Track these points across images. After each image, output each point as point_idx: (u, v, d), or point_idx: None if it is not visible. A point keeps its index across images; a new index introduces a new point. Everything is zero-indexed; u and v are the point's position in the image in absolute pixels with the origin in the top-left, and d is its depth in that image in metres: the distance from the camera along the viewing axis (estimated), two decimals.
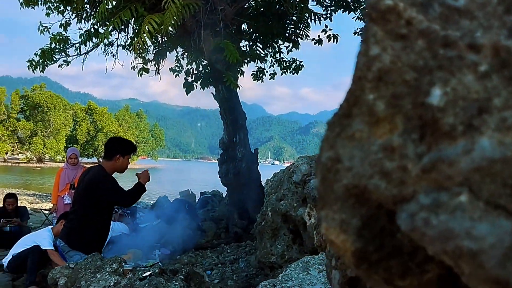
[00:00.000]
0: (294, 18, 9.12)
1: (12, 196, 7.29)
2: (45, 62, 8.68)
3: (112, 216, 4.66)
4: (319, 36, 9.56)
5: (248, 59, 9.56)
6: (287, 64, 10.27)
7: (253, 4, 9.15)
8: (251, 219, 7.26)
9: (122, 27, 8.41)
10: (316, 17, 8.81)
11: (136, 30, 8.29)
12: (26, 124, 57.89)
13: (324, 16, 9.01)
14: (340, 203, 0.35)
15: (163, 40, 9.15)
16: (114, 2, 6.90)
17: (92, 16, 8.58)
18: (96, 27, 8.62)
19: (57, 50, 8.78)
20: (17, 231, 6.69)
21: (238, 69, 8.96)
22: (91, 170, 4.30)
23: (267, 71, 10.36)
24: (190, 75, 9.46)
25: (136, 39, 6.70)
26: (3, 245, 6.55)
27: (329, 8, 9.11)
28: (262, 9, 8.82)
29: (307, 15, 8.71)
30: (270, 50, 10.06)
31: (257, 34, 9.25)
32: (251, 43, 9.57)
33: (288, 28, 9.30)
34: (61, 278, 3.61)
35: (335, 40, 9.26)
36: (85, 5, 8.45)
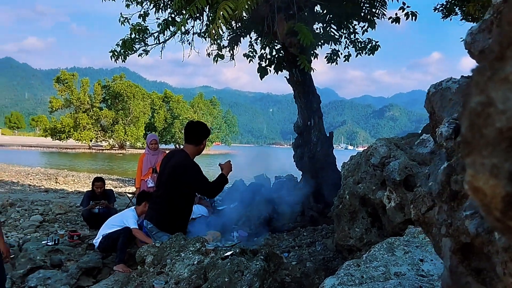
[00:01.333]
0: None
1: (100, 179, 7.65)
2: (126, 52, 9.06)
3: None
4: (396, 14, 9.17)
5: (322, 41, 9.42)
6: (362, 45, 9.97)
7: None
8: (327, 202, 7.22)
9: (198, 14, 8.58)
10: None
11: (211, 17, 8.44)
12: (108, 112, 61.22)
13: None
14: (491, 148, 0.34)
15: (237, 25, 9.24)
16: None
17: (169, 6, 8.85)
18: (173, 16, 8.89)
19: (137, 40, 9.15)
20: (105, 212, 7.02)
21: (312, 52, 8.85)
22: (174, 155, 4.39)
23: (341, 53, 10.15)
24: (263, 59, 9.50)
25: (211, 25, 6.82)
26: (93, 226, 7.00)
27: None
28: None
29: None
30: (344, 31, 9.80)
31: (331, 16, 9.07)
32: (325, 25, 9.40)
33: (364, 8, 9.02)
34: (148, 256, 3.83)
35: (413, 18, 8.85)
36: None
